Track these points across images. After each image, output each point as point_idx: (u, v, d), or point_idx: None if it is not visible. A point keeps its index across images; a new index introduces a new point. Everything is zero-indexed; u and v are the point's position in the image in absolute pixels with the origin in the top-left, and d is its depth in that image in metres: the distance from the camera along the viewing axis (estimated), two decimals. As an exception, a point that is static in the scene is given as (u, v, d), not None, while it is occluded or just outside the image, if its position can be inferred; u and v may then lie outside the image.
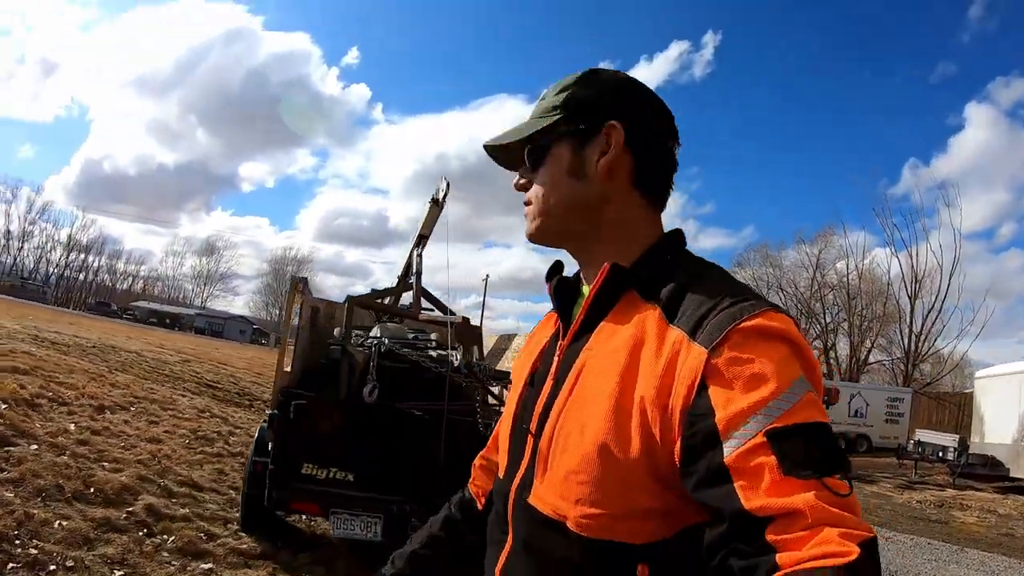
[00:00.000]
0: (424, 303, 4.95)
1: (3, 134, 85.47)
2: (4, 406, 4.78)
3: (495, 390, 3.87)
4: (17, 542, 3.05)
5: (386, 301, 5.12)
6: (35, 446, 4.31)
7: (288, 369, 3.47)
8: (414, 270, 4.96)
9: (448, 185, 5.82)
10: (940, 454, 14.22)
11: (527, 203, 0.82)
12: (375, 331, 4.31)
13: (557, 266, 0.87)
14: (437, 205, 5.74)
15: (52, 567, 2.95)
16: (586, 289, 0.79)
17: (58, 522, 3.36)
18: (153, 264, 71.90)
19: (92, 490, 3.94)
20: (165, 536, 3.68)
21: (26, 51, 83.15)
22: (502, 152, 0.86)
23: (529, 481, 0.74)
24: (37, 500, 3.55)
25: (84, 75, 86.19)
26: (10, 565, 2.84)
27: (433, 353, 3.77)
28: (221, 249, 64.58)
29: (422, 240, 5.84)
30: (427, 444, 3.22)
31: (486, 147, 0.86)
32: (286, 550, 3.79)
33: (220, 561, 3.59)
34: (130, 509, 3.86)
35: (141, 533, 3.63)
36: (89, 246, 62.13)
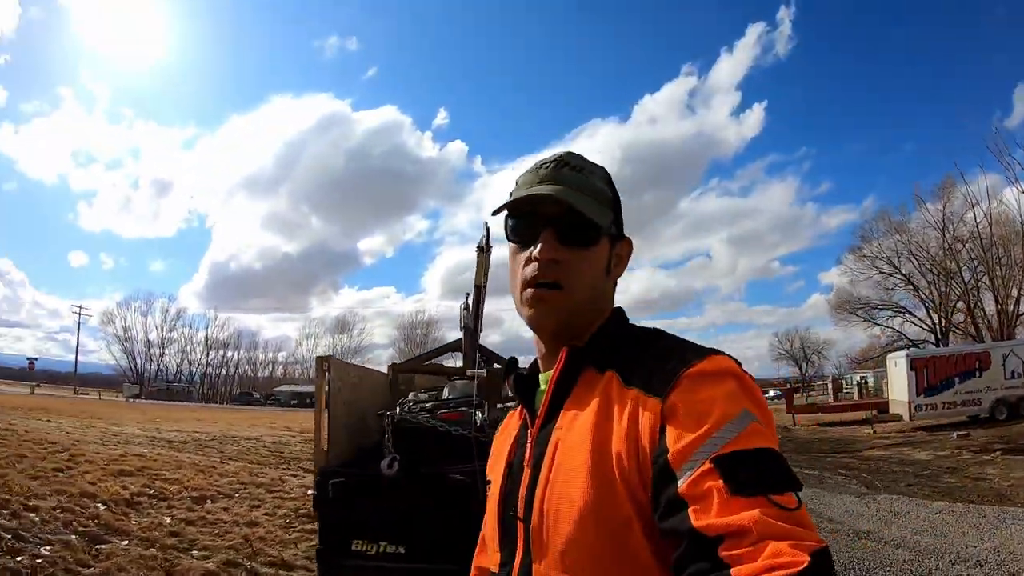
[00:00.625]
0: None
1: (134, 255, 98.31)
2: (103, 507, 5.22)
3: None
4: None
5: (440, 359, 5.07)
6: (126, 542, 4.63)
7: (325, 448, 3.48)
8: (460, 325, 4.89)
9: (488, 228, 5.78)
10: None
11: (550, 284, 0.77)
12: (445, 392, 4.27)
13: (513, 362, 0.92)
14: (484, 252, 5.72)
15: None
16: (543, 376, 0.85)
17: (135, 614, 3.52)
18: (290, 349, 74.91)
19: (175, 580, 4.12)
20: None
21: (139, 176, 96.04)
22: (524, 207, 0.81)
23: (527, 566, 0.75)
24: (120, 595, 3.76)
25: (196, 187, 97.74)
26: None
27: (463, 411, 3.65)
28: (353, 324, 67.90)
29: (478, 291, 5.82)
30: (469, 508, 3.11)
31: (536, 196, 0.79)
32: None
33: None
34: (209, 594, 4.00)
35: (215, 617, 3.73)
36: (226, 342, 68.08)
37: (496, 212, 0.82)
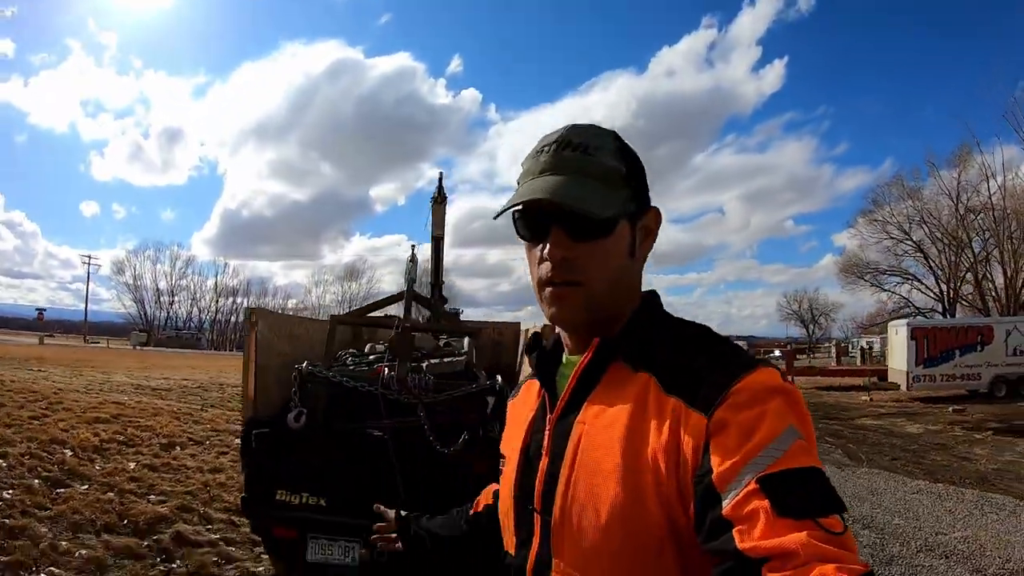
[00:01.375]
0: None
1: (146, 203, 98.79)
2: (70, 453, 5.39)
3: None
4: (33, 569, 3.40)
5: (387, 311, 5.06)
6: (85, 486, 4.80)
7: (252, 399, 3.51)
8: (404, 276, 4.87)
9: (441, 177, 5.69)
10: None
11: (570, 282, 0.75)
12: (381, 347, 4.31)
13: (537, 338, 0.90)
14: (438, 203, 5.63)
15: None
16: (568, 358, 0.84)
17: (79, 551, 3.70)
18: (301, 296, 73.67)
19: (125, 522, 4.30)
20: (180, 562, 3.92)
21: (150, 125, 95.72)
22: (535, 206, 0.76)
23: (546, 559, 0.76)
24: (67, 533, 3.93)
25: (206, 135, 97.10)
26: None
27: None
28: (363, 271, 67.63)
29: (437, 243, 5.75)
30: (385, 466, 3.12)
31: (531, 202, 0.75)
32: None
33: None
34: (157, 537, 4.18)
35: (158, 560, 3.89)
36: (236, 289, 68.56)
37: (499, 215, 0.78)
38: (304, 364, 3.29)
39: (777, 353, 31.10)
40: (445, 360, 3.91)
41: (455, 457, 3.03)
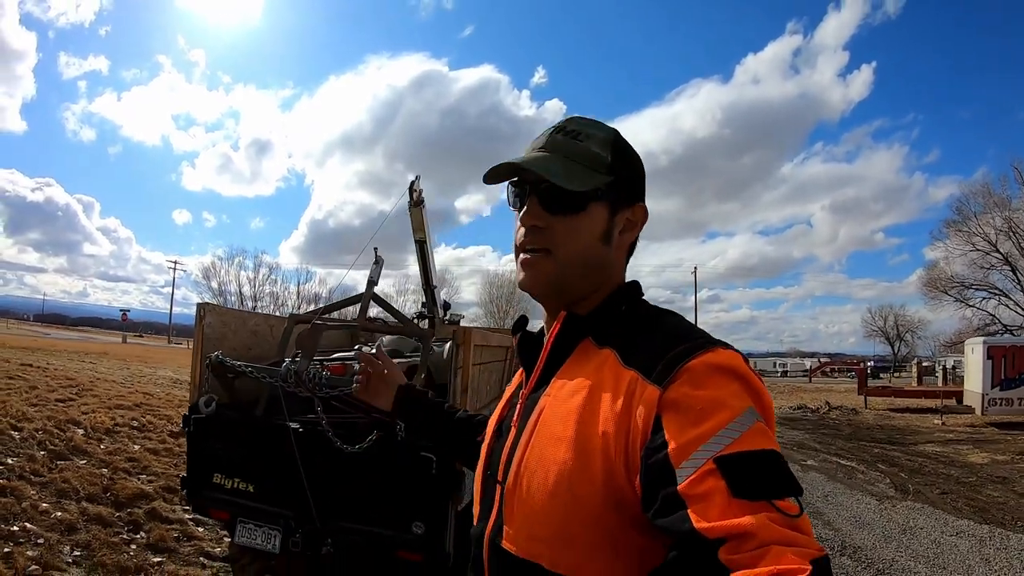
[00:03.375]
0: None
1: (235, 212, 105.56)
2: (81, 432, 6.04)
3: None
4: (9, 521, 3.95)
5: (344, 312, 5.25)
6: (84, 461, 5.39)
7: (198, 386, 3.78)
8: (369, 278, 5.12)
9: (418, 179, 5.84)
10: None
11: (537, 249, 0.82)
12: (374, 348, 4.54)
13: (522, 320, 0.97)
14: (416, 206, 5.78)
15: (22, 539, 3.74)
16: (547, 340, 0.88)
17: (56, 513, 4.21)
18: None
19: (108, 494, 4.82)
20: (145, 533, 4.35)
21: (239, 137, 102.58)
22: (510, 174, 0.86)
23: (500, 525, 0.79)
24: (52, 498, 4.48)
25: (294, 147, 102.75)
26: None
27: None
28: (447, 281, 69.21)
29: (420, 246, 5.92)
30: (299, 455, 3.27)
31: (505, 166, 0.85)
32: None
33: (178, 558, 4.19)
34: (131, 511, 4.66)
35: (125, 529, 4.34)
36: (319, 296, 72.05)
37: (485, 179, 0.87)
38: (215, 354, 3.54)
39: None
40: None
41: (361, 456, 3.13)
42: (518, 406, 0.85)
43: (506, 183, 0.87)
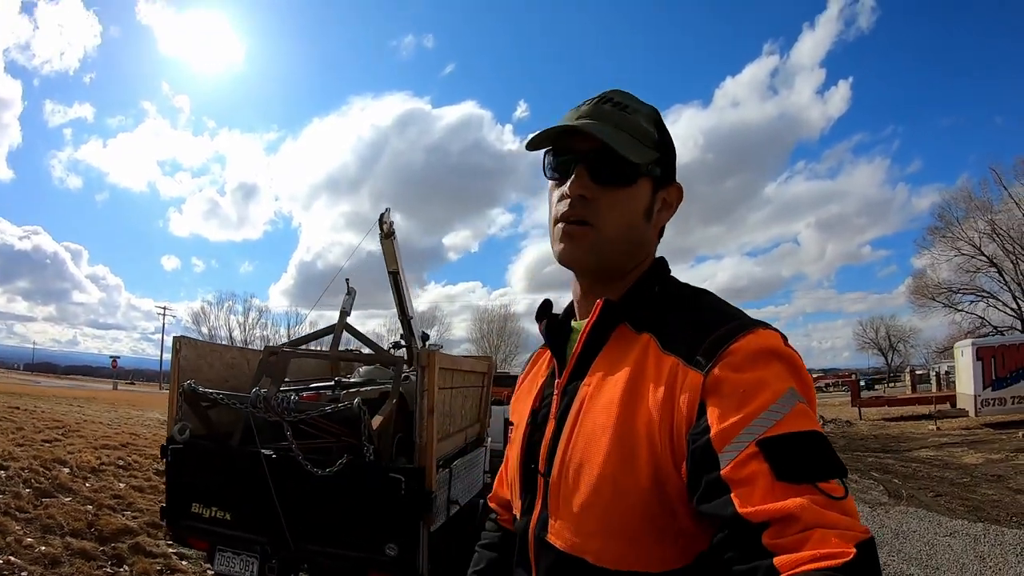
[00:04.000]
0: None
1: (224, 256, 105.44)
2: (67, 471, 6.07)
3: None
4: None
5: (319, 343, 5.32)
6: (69, 498, 5.43)
7: (175, 419, 3.80)
8: (341, 309, 5.23)
9: (388, 211, 5.95)
10: None
11: (581, 221, 0.79)
12: (354, 376, 4.65)
13: (547, 305, 0.94)
14: (388, 237, 5.89)
15: (6, 573, 3.84)
16: (576, 324, 0.88)
17: (40, 547, 4.25)
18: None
19: (92, 529, 4.86)
20: (128, 567, 4.40)
21: (225, 182, 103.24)
22: (563, 142, 0.83)
23: (545, 519, 0.79)
24: (37, 533, 4.53)
25: (280, 190, 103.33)
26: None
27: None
28: (438, 319, 69.02)
29: (394, 277, 6.06)
30: (273, 483, 3.33)
31: (560, 128, 0.81)
32: None
33: None
34: (115, 545, 4.70)
35: (109, 563, 4.38)
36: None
37: (529, 143, 0.83)
38: (187, 383, 3.63)
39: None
40: (358, 387, 4.13)
41: (332, 480, 3.18)
42: (555, 396, 0.83)
43: (543, 152, 0.84)
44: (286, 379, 4.45)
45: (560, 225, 0.80)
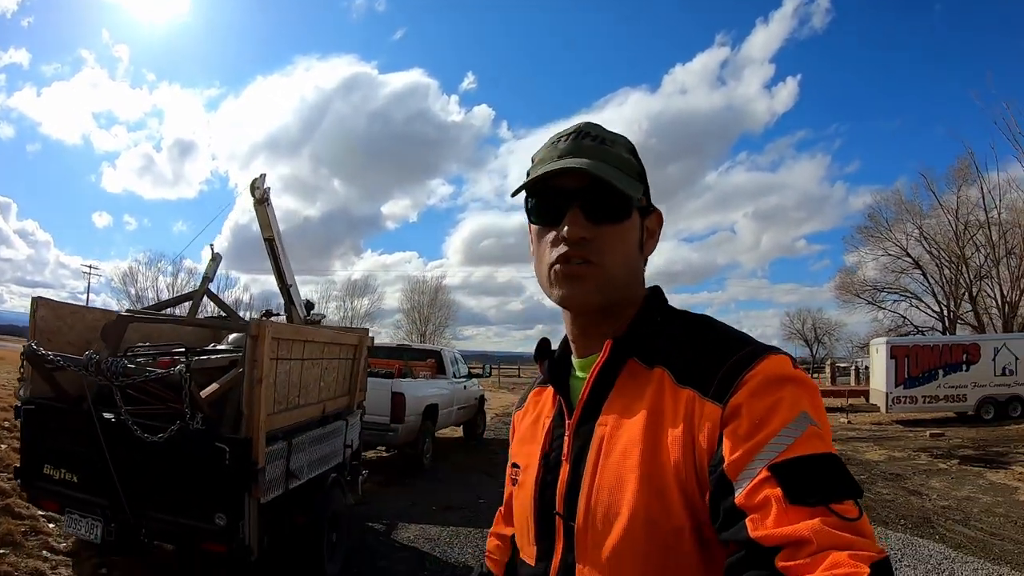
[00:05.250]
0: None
1: (157, 215, 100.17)
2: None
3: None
4: None
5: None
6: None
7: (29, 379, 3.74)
8: (204, 275, 5.14)
9: (263, 177, 5.80)
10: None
11: (584, 260, 0.77)
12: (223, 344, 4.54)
13: (546, 343, 0.92)
14: (262, 204, 5.76)
15: None
16: (577, 362, 0.87)
17: None
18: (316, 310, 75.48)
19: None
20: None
21: (162, 137, 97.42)
22: (547, 183, 0.79)
23: (569, 566, 0.77)
24: None
25: (218, 149, 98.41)
26: None
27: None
28: (371, 287, 67.84)
29: (269, 244, 5.90)
30: (104, 448, 3.33)
31: (561, 170, 0.77)
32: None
33: (22, 551, 4.01)
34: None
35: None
36: (239, 303, 69.03)
37: (517, 192, 0.81)
38: (28, 343, 3.53)
39: None
40: (201, 355, 3.95)
41: (163, 447, 3.17)
42: (566, 438, 0.82)
43: (523, 196, 0.82)
44: (151, 344, 4.30)
45: (558, 267, 0.78)
